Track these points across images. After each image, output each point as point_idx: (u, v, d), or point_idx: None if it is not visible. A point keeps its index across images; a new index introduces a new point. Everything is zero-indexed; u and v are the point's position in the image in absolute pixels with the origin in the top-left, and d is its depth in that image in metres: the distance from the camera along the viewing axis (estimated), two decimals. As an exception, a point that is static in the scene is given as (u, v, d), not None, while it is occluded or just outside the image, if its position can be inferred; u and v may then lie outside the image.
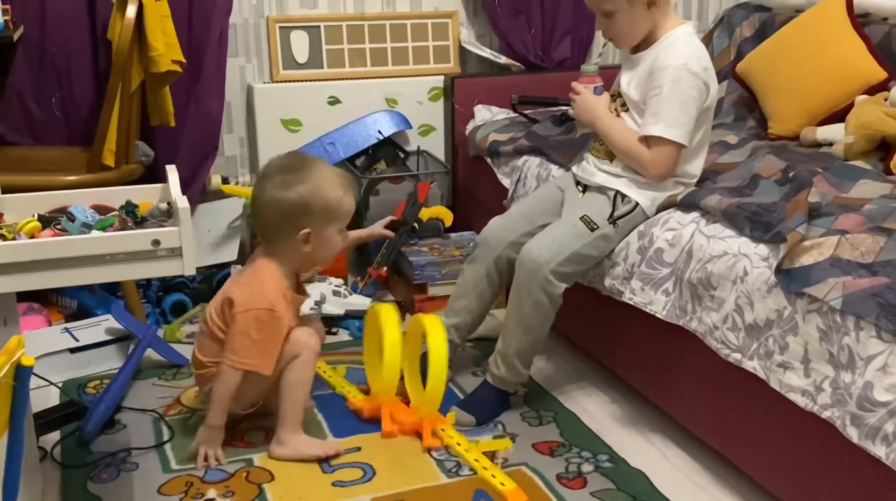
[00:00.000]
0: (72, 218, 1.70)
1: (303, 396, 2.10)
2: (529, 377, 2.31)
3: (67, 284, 1.99)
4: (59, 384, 2.35)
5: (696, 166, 2.22)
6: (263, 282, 2.03)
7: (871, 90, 2.59)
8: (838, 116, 2.61)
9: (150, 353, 2.49)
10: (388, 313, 2.20)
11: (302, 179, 2.01)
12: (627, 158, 2.17)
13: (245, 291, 2.02)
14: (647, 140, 2.12)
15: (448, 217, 3.07)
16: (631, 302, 2.12)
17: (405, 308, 2.85)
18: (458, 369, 2.46)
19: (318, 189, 2.01)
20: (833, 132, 2.57)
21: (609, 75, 2.30)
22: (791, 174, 2.10)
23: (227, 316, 2.02)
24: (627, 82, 2.19)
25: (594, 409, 2.31)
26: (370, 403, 2.24)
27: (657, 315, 2.06)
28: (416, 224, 2.98)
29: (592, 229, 2.15)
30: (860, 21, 2.70)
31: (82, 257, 1.61)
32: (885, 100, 2.49)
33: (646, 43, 2.17)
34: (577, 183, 2.29)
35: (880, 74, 2.59)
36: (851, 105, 2.57)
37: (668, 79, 2.08)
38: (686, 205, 2.10)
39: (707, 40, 3.16)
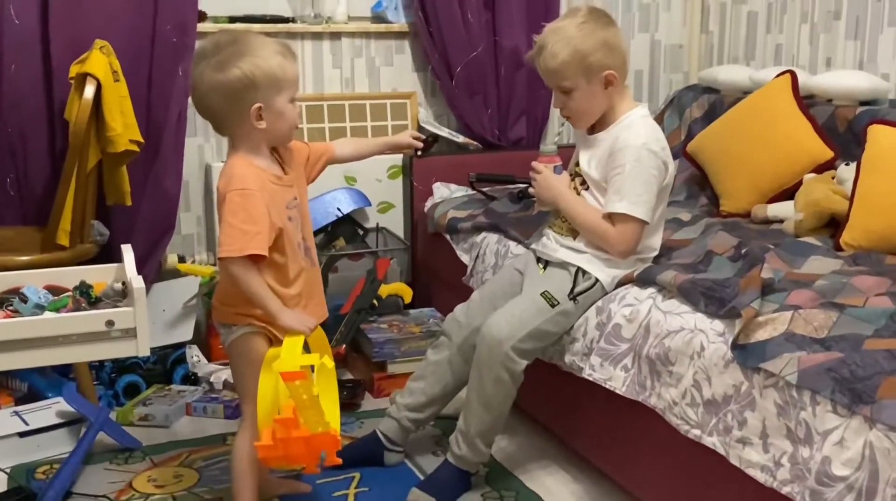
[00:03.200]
0: (24, 299, 1.68)
1: (253, 471, 1.98)
2: (491, 456, 2.29)
3: (19, 366, 1.95)
4: (7, 470, 2.29)
5: (655, 241, 2.25)
6: (234, 167, 1.94)
7: (819, 168, 2.66)
8: (788, 193, 2.68)
9: (103, 436, 2.42)
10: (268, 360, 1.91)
11: (238, 53, 1.89)
12: (592, 235, 2.19)
13: (221, 180, 1.95)
14: (612, 217, 2.15)
15: (407, 294, 3.07)
16: (591, 378, 2.12)
17: (364, 387, 2.82)
18: (418, 448, 2.43)
19: (257, 59, 1.89)
20: (783, 209, 2.63)
21: (567, 155, 2.34)
22: (744, 251, 2.14)
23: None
24: (587, 162, 2.23)
25: (556, 488, 2.29)
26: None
27: (617, 391, 2.06)
28: (375, 301, 2.98)
29: (553, 305, 2.16)
30: (806, 102, 2.79)
31: (34, 338, 1.58)
32: (833, 178, 2.56)
33: (602, 124, 2.22)
34: (539, 260, 2.31)
35: (826, 153, 2.67)
36: (800, 183, 2.64)
37: (630, 158, 2.12)
38: (642, 281, 2.12)
39: (658, 120, 3.24)
